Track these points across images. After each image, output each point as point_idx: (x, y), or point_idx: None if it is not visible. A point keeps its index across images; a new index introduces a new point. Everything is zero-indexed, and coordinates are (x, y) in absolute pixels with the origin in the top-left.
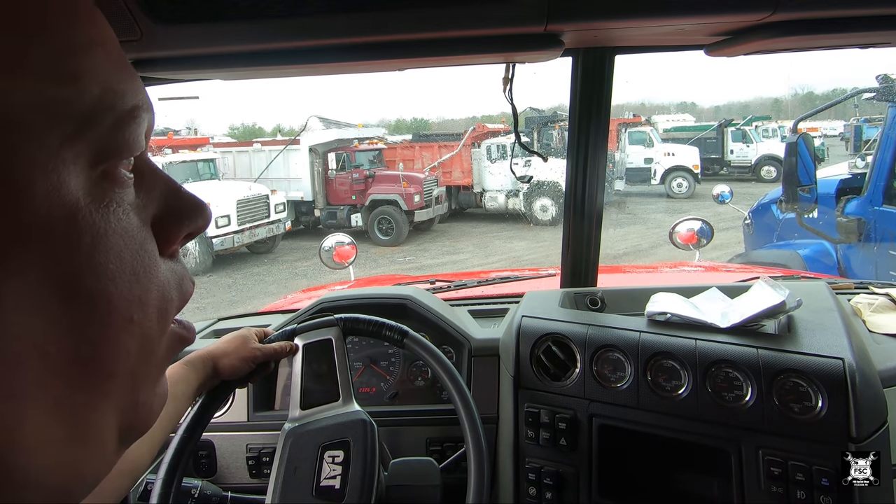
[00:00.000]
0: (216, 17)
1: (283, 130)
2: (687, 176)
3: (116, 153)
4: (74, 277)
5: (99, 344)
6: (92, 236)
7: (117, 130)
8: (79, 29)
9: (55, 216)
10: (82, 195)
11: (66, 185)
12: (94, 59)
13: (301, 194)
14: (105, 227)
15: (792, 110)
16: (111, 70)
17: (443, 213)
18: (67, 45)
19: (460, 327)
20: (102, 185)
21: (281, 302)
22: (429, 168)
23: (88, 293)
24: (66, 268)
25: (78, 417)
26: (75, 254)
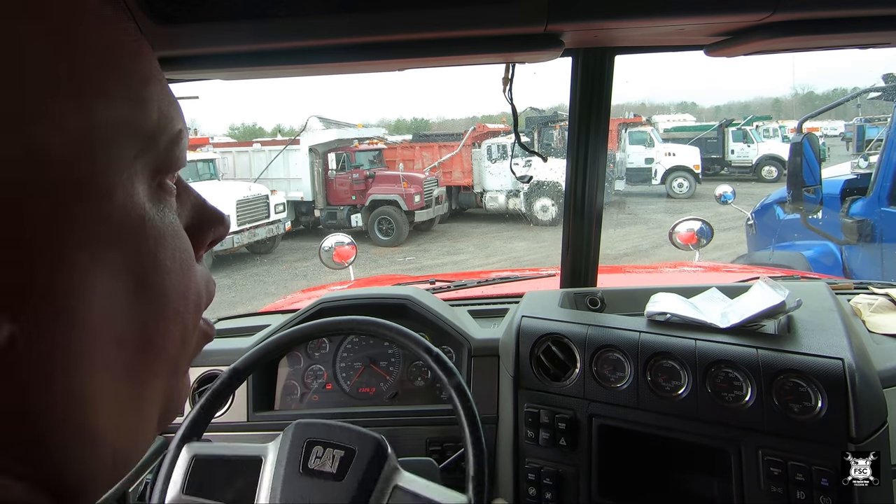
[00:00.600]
0: (216, 17)
1: (283, 130)
2: (688, 176)
3: (169, 168)
4: (144, 272)
5: (155, 331)
6: (155, 237)
7: (170, 148)
8: (144, 63)
9: (131, 219)
10: (147, 202)
11: (137, 194)
12: (154, 88)
13: (301, 194)
14: (163, 229)
15: (792, 110)
16: (165, 98)
17: (443, 213)
18: (138, 75)
19: (460, 327)
20: (159, 194)
21: (281, 302)
22: (429, 168)
23: (152, 286)
24: (139, 264)
25: (138, 396)
26: (144, 252)
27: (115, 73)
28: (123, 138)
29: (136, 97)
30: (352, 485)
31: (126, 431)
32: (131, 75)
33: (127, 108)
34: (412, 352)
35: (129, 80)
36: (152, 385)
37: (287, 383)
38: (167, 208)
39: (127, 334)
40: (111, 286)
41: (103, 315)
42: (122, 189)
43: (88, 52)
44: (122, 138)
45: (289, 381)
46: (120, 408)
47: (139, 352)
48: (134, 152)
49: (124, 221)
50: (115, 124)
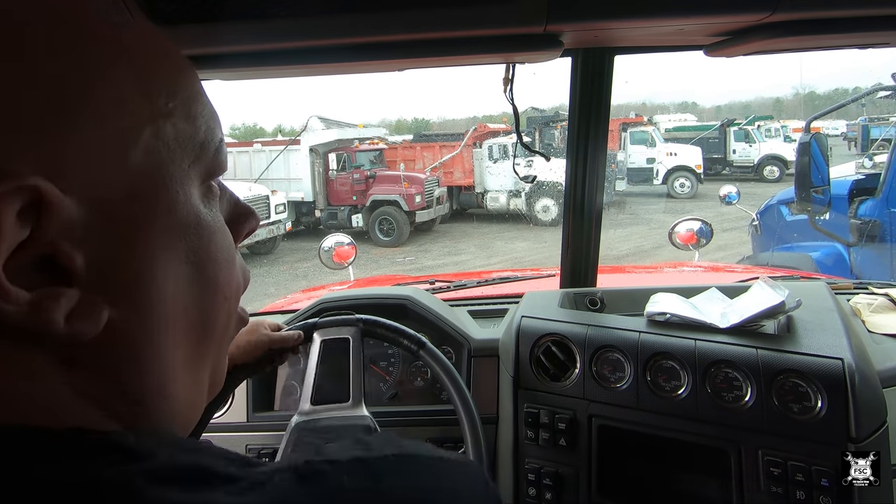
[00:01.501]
0: (216, 17)
1: (283, 130)
2: (689, 176)
3: (215, 173)
4: (202, 264)
5: (210, 313)
6: (209, 234)
7: (216, 156)
8: (193, 82)
9: (190, 217)
10: (200, 203)
11: (193, 196)
12: (202, 103)
13: (301, 195)
14: (214, 226)
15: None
16: (209, 111)
17: (444, 213)
18: (189, 94)
19: (460, 327)
20: (208, 195)
21: (281, 302)
22: (430, 168)
23: (209, 276)
24: (198, 257)
25: (198, 368)
26: (201, 247)
27: (175, 95)
28: (182, 151)
29: (190, 114)
30: None
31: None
32: (186, 95)
33: (183, 125)
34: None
35: (185, 99)
36: (206, 361)
37: (287, 383)
38: (214, 208)
39: (191, 317)
40: (179, 277)
41: (175, 301)
42: (184, 193)
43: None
44: (182, 151)
45: (289, 381)
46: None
47: (200, 332)
48: (189, 162)
49: (187, 221)
50: (176, 139)
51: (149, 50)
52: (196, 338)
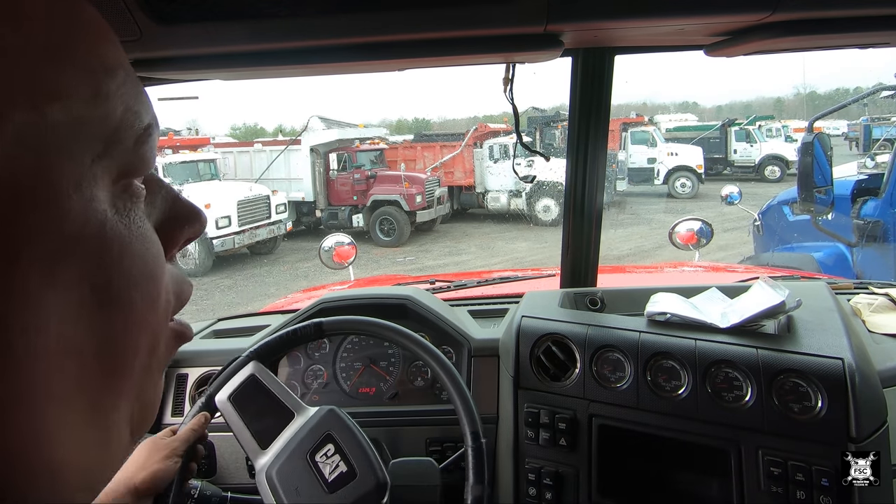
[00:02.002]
0: (216, 17)
1: (284, 130)
2: (690, 176)
3: (136, 169)
4: (107, 283)
5: (121, 344)
6: (119, 245)
7: (138, 147)
8: (106, 52)
9: (90, 228)
10: (108, 208)
11: (97, 200)
12: (118, 80)
13: (302, 195)
14: (129, 235)
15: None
16: (130, 90)
17: (445, 213)
18: (97, 67)
19: (460, 327)
20: (123, 197)
21: (281, 302)
22: (430, 168)
23: (117, 297)
24: (101, 275)
25: (104, 417)
26: (107, 262)
27: (69, 67)
28: (79, 141)
29: (95, 93)
30: None
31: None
32: (90, 69)
33: (83, 107)
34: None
35: (87, 74)
36: (120, 406)
37: (287, 383)
38: (134, 212)
39: (89, 356)
40: (69, 306)
41: (61, 340)
42: (79, 197)
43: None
44: (78, 141)
45: (289, 381)
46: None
47: (104, 372)
48: (92, 156)
49: (82, 233)
50: (70, 126)
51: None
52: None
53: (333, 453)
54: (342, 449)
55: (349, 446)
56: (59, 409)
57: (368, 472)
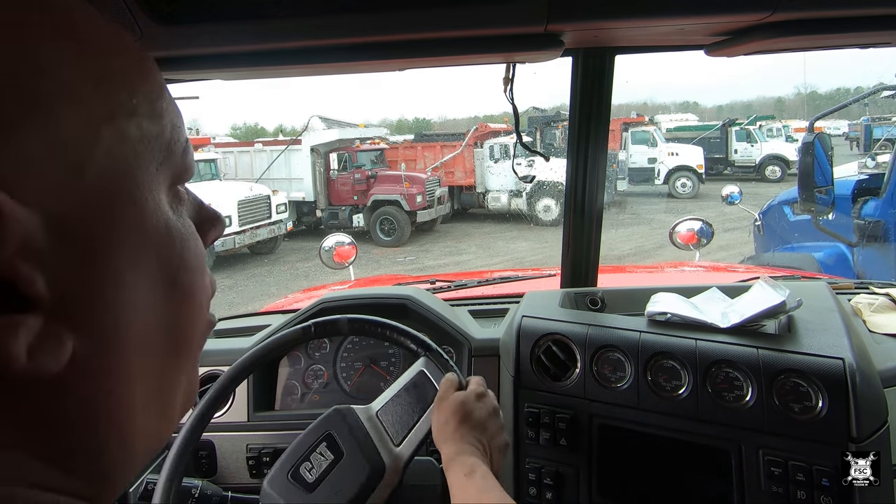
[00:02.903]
0: (216, 17)
1: (285, 130)
2: (691, 176)
3: (183, 176)
4: (174, 272)
5: (186, 327)
6: (180, 240)
7: (184, 157)
8: (157, 77)
9: (160, 225)
10: (169, 209)
11: (162, 202)
12: (166, 100)
13: (303, 195)
14: (184, 232)
15: (795, 109)
16: (174, 108)
17: (445, 213)
18: (153, 89)
19: (460, 327)
20: (175, 201)
21: (281, 302)
22: (431, 168)
23: (181, 285)
24: (169, 265)
25: (165, 392)
26: (172, 254)
27: (137, 91)
28: (147, 153)
29: (154, 112)
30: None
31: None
32: (149, 91)
33: (148, 124)
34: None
35: (148, 96)
36: (180, 380)
37: (287, 383)
38: (183, 213)
39: (164, 336)
40: (150, 290)
41: (146, 321)
42: (152, 199)
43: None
44: (148, 153)
45: (289, 381)
46: (153, 406)
47: (173, 351)
48: (156, 165)
49: (157, 228)
50: (142, 140)
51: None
52: (169, 358)
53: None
54: (337, 444)
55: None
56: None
57: (357, 457)
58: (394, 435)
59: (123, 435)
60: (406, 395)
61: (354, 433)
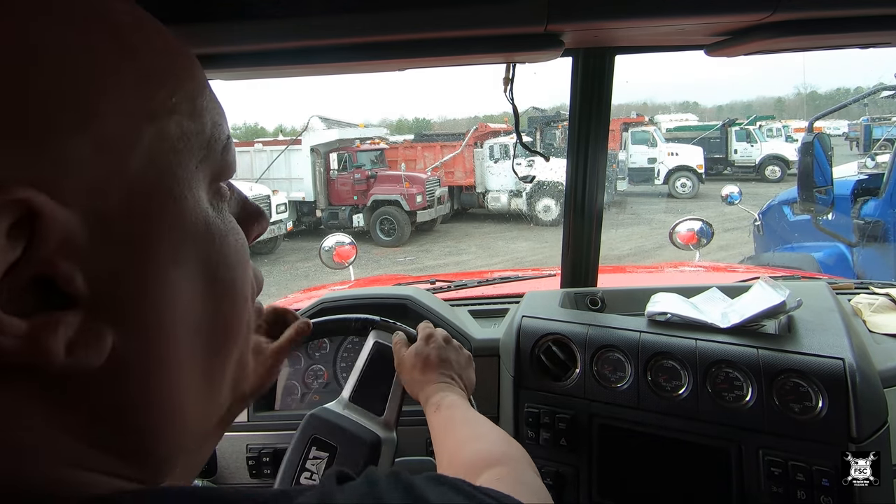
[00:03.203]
0: (216, 17)
1: (284, 130)
2: (691, 176)
3: (224, 173)
4: (213, 267)
5: (229, 320)
6: (219, 237)
7: (225, 155)
8: (197, 74)
9: (199, 222)
10: (208, 206)
11: (202, 199)
12: (207, 97)
13: (302, 195)
14: (225, 229)
15: (795, 110)
16: (215, 106)
17: (445, 213)
18: (194, 88)
19: (460, 327)
20: (216, 197)
21: (281, 302)
22: (431, 168)
23: (222, 279)
24: (209, 261)
25: (214, 386)
26: (211, 250)
27: (178, 89)
28: (187, 150)
29: (195, 110)
30: None
31: (205, 419)
32: (190, 89)
33: (188, 122)
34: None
35: (189, 93)
36: (225, 374)
37: (287, 383)
38: (224, 210)
39: (207, 330)
40: (192, 289)
41: (188, 316)
42: (192, 196)
43: (155, 73)
44: (188, 150)
45: (289, 381)
46: (201, 399)
47: (217, 344)
48: (196, 162)
49: (196, 225)
50: (182, 138)
51: (147, 40)
52: (213, 351)
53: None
54: (327, 440)
55: (331, 433)
56: (186, 370)
57: (350, 442)
58: (374, 408)
59: (173, 421)
60: (370, 371)
61: (338, 425)
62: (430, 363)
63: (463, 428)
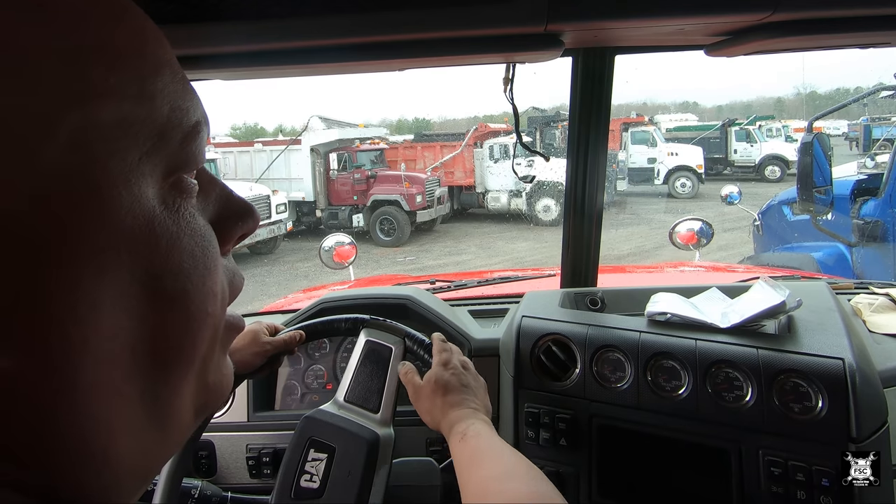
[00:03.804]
0: (217, 17)
1: (284, 130)
2: (690, 176)
3: (185, 166)
4: (156, 278)
5: (180, 337)
6: (167, 240)
7: (185, 145)
8: (151, 51)
9: (138, 224)
10: (157, 204)
11: (145, 196)
12: (164, 78)
13: (302, 195)
14: (177, 230)
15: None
16: (178, 88)
17: (445, 213)
18: (143, 66)
19: (460, 327)
20: (173, 193)
21: (281, 302)
22: (431, 168)
23: (169, 292)
24: (149, 270)
25: (160, 405)
26: (155, 257)
27: (121, 67)
28: (127, 140)
29: (143, 93)
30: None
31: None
32: (136, 68)
33: (131, 107)
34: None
35: (134, 73)
36: (180, 393)
37: (287, 383)
38: (183, 207)
39: (145, 349)
40: (121, 299)
41: (115, 331)
42: (128, 194)
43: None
44: (126, 140)
45: (289, 381)
46: (140, 422)
47: (162, 361)
48: (139, 153)
49: (131, 228)
50: (120, 125)
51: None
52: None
53: (316, 455)
54: (323, 441)
55: (325, 434)
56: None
57: (349, 440)
58: (370, 406)
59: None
60: (364, 369)
61: (334, 425)
62: (452, 389)
63: (492, 462)
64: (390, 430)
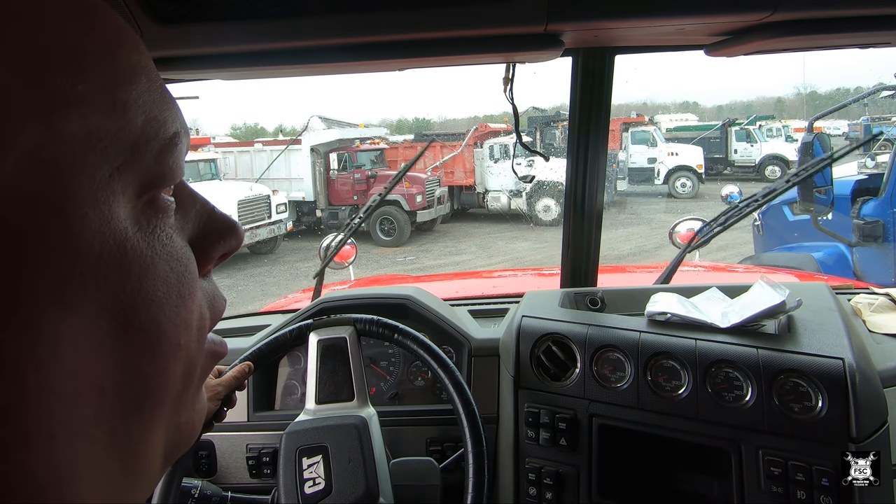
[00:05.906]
0: (217, 18)
1: (284, 130)
2: (691, 176)
3: (161, 181)
4: (128, 309)
5: (151, 374)
6: (140, 266)
7: (161, 159)
8: (126, 57)
9: (107, 249)
10: (130, 225)
11: (116, 217)
12: (138, 87)
13: (302, 195)
14: (152, 254)
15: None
16: (154, 97)
17: (445, 213)
18: (114, 74)
19: (460, 327)
20: (147, 212)
21: (281, 302)
22: (431, 168)
23: (140, 324)
24: (120, 300)
25: (130, 449)
26: (126, 285)
27: (88, 76)
28: (96, 154)
29: (115, 104)
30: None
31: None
32: (110, 76)
33: (100, 118)
34: (410, 351)
35: (107, 81)
36: (151, 437)
37: (287, 383)
38: (159, 228)
39: (114, 388)
40: (86, 336)
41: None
42: (96, 214)
43: (54, 54)
44: (95, 155)
45: (289, 381)
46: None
47: (131, 404)
48: (110, 169)
49: (99, 254)
50: (88, 139)
51: (38, 9)
52: (126, 412)
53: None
54: (313, 445)
55: (313, 438)
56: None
57: (338, 435)
58: (343, 397)
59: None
60: (325, 368)
61: (316, 427)
62: None
63: None
64: (370, 408)
